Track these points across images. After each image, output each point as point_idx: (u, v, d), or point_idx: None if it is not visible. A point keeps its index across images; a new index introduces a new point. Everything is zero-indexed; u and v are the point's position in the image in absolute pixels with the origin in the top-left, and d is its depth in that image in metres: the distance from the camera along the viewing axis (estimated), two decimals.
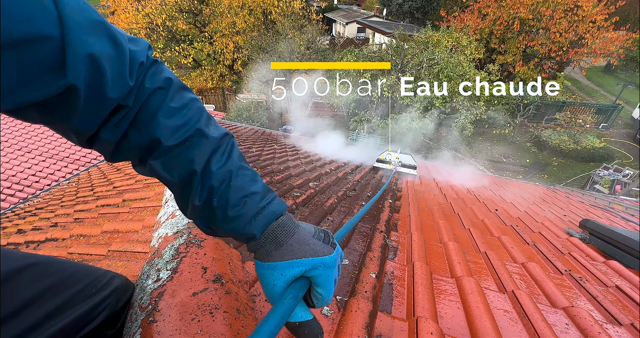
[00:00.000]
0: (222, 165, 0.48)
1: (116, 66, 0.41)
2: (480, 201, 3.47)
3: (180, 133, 0.46)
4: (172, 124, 0.46)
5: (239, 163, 0.50)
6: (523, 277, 1.49)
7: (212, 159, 0.47)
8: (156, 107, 0.46)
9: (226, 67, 13.63)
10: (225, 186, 0.47)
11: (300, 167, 3.21)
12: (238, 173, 0.49)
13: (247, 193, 0.48)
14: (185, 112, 0.48)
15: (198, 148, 0.47)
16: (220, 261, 0.84)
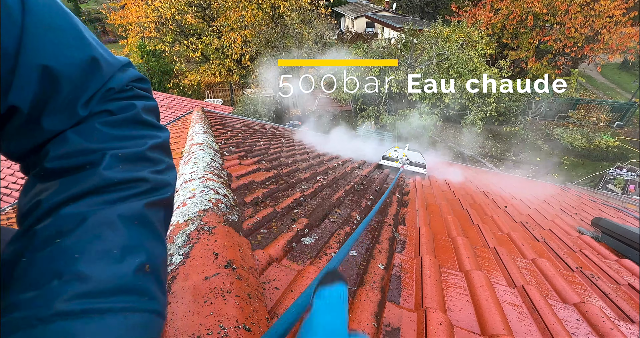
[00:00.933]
0: (85, 210, 0.30)
1: (75, 93, 0.35)
2: (490, 198, 3.43)
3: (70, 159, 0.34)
4: (78, 144, 0.35)
5: (115, 218, 0.31)
6: (533, 273, 1.47)
7: (81, 200, 0.32)
8: (83, 124, 0.37)
9: (234, 62, 13.65)
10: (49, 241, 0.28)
11: (308, 161, 3.21)
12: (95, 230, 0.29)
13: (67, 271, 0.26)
14: (112, 142, 0.37)
15: (77, 179, 0.33)
16: (231, 248, 0.85)
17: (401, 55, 9.71)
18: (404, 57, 9.60)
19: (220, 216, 1.07)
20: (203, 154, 1.93)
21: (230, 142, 3.20)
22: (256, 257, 0.97)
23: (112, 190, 0.33)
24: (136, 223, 0.32)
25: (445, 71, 8.84)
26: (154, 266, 0.31)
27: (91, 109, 0.38)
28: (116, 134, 0.37)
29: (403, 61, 9.54)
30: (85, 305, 0.25)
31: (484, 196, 3.51)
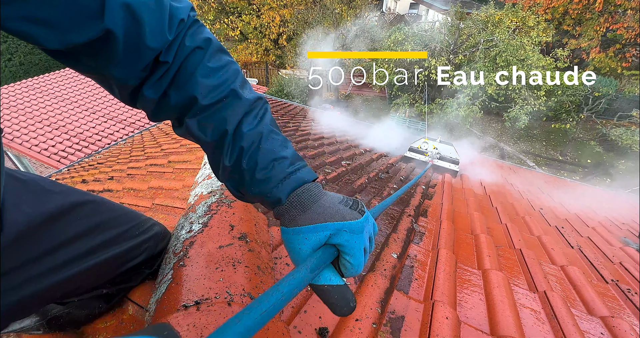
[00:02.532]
0: (254, 127, 0.48)
1: (155, 18, 0.42)
2: (524, 198, 3.22)
3: (216, 93, 0.47)
4: (209, 83, 0.47)
5: (270, 127, 0.50)
6: (560, 280, 1.38)
7: (244, 121, 0.48)
8: (194, 66, 0.47)
9: (271, 41, 13.62)
10: (255, 148, 0.47)
11: (335, 145, 3.19)
12: (269, 136, 0.48)
13: (276, 157, 0.47)
14: (222, 73, 0.48)
15: (232, 108, 0.48)
16: (247, 222, 0.89)
17: (444, 40, 9.08)
18: (447, 42, 8.98)
19: None
20: None
21: None
22: (271, 233, 1.01)
23: (253, 108, 0.50)
24: (275, 126, 0.52)
25: (491, 59, 8.14)
26: (291, 145, 0.53)
27: (183, 40, 0.46)
28: (217, 65, 0.48)
29: (446, 46, 8.94)
30: (295, 167, 0.49)
31: (519, 196, 3.31)
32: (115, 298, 0.81)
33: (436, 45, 9.09)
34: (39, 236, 0.55)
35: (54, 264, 0.57)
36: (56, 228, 0.58)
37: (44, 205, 0.57)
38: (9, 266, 0.52)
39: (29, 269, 0.54)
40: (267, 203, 0.49)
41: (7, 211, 0.52)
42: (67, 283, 0.59)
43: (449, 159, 3.53)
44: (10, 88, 7.23)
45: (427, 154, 3.57)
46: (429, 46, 9.27)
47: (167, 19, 0.44)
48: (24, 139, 5.92)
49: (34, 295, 0.55)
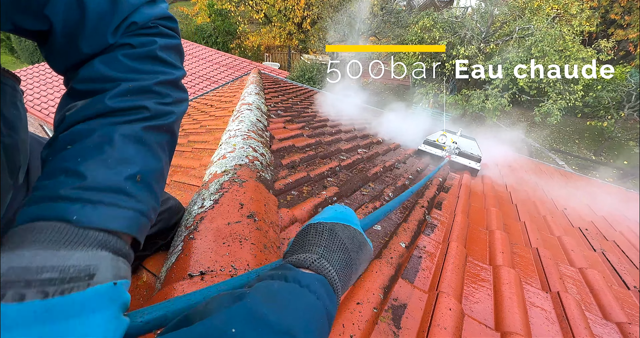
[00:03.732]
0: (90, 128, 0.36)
1: (100, 20, 0.40)
2: (548, 197, 3.08)
3: (95, 84, 0.40)
4: (99, 71, 0.40)
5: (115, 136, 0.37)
6: (576, 282, 1.33)
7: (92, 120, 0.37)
8: (108, 53, 0.42)
9: (295, 25, 13.41)
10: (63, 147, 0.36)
11: (352, 133, 3.15)
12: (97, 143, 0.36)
13: (71, 169, 0.33)
14: (128, 74, 0.41)
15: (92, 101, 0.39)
16: (257, 202, 0.90)
17: (475, 27, 8.56)
18: (478, 30, 8.48)
19: (254, 172, 1.12)
20: (250, 114, 2.00)
21: (279, 106, 3.26)
22: (280, 215, 1.02)
23: (117, 115, 0.39)
24: (133, 142, 0.38)
25: (526, 49, 7.61)
26: (145, 177, 0.38)
27: (117, 40, 0.42)
28: (133, 66, 0.41)
29: (477, 34, 8.44)
30: (80, 195, 0.32)
31: (542, 194, 3.16)
32: (132, 265, 0.86)
33: (466, 32, 8.60)
34: None
35: None
36: None
37: None
38: None
39: None
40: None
41: (33, 175, 0.55)
42: None
43: (469, 155, 3.13)
44: (47, 65, 7.59)
45: (445, 149, 3.18)
46: (459, 33, 8.79)
47: (119, 22, 0.42)
48: None
49: None
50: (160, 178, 0.42)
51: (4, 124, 0.43)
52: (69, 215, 0.30)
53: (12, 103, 0.46)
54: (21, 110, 0.48)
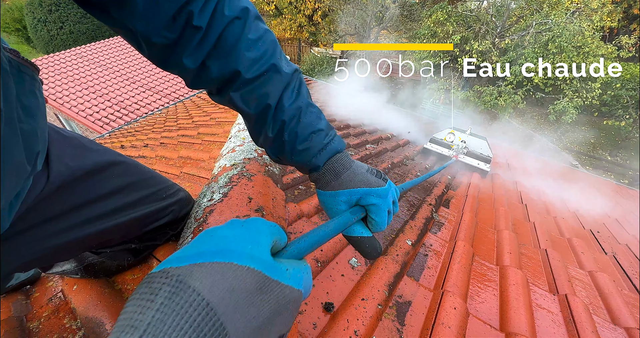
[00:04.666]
0: (293, 101, 0.50)
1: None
2: (559, 198, 3.02)
3: (258, 66, 0.47)
4: (251, 56, 0.47)
5: (307, 100, 0.52)
6: (585, 286, 1.31)
7: (284, 95, 0.49)
8: (235, 38, 0.46)
9: (306, 17, 13.26)
10: (295, 122, 0.50)
11: (361, 128, 3.13)
12: (307, 109, 0.51)
13: (314, 130, 0.51)
14: (261, 45, 0.48)
15: (273, 83, 0.49)
16: (265, 196, 0.91)
17: (491, 21, 8.32)
18: (493, 24, 8.24)
19: (262, 166, 1.13)
20: None
21: None
22: (288, 209, 1.03)
23: (290, 81, 0.51)
24: (311, 99, 0.53)
25: (542, 45, 7.36)
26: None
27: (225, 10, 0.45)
28: (257, 36, 0.48)
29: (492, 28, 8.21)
30: (327, 139, 0.52)
31: (554, 194, 3.10)
32: (143, 253, 0.88)
33: (481, 27, 8.37)
34: (79, 188, 0.61)
35: (90, 216, 0.63)
36: (93, 183, 0.63)
37: (83, 160, 0.62)
38: (53, 213, 0.58)
39: (72, 217, 0.60)
40: (304, 169, 0.53)
41: (53, 162, 0.57)
42: (101, 234, 0.65)
43: (478, 155, 2.93)
44: (62, 55, 7.71)
45: (453, 146, 2.97)
46: (473, 27, 8.56)
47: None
48: (72, 104, 6.37)
49: (74, 241, 0.61)
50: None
51: (23, 112, 0.44)
52: (339, 149, 0.53)
53: (30, 91, 0.47)
54: (39, 98, 0.50)
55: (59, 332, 0.73)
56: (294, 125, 0.50)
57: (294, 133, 0.50)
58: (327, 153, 0.52)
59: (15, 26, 16.52)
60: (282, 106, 0.49)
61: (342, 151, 0.54)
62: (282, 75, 0.49)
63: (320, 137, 0.51)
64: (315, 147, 0.51)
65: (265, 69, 0.48)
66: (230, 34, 0.45)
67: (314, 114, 0.52)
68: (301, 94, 0.52)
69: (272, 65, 0.48)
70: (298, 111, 0.50)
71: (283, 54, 0.53)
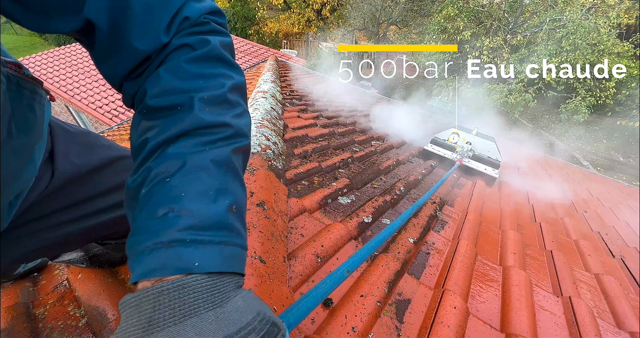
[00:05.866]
0: (183, 153, 0.34)
1: (149, 13, 0.36)
2: (568, 198, 2.97)
3: (170, 97, 0.37)
4: (170, 84, 0.37)
5: (208, 163, 0.34)
6: (591, 288, 1.29)
7: (178, 140, 0.35)
8: (170, 60, 0.39)
9: (314, 12, 13.17)
10: (161, 179, 0.33)
11: (367, 124, 3.11)
12: (194, 173, 0.33)
13: (176, 206, 0.31)
14: (196, 81, 0.38)
15: (174, 118, 0.36)
16: (267, 191, 0.91)
17: (503, 17, 8.13)
18: (505, 20, 8.05)
19: (265, 160, 1.13)
20: (265, 102, 2.00)
21: (294, 94, 3.24)
22: (290, 204, 1.03)
23: (203, 133, 0.36)
24: (224, 168, 0.35)
25: (556, 42, 7.18)
26: (239, 207, 0.35)
27: (173, 39, 0.38)
28: (198, 72, 0.38)
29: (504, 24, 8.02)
30: (193, 236, 0.30)
31: (562, 195, 3.05)
32: None
33: (493, 23, 8.20)
34: (84, 184, 0.62)
35: (94, 209, 0.64)
36: (98, 178, 0.64)
37: (88, 157, 0.63)
38: (57, 206, 0.59)
39: (76, 210, 0.61)
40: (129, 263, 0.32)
41: (58, 161, 0.58)
42: (105, 227, 0.66)
43: (485, 159, 2.58)
44: (72, 47, 7.80)
45: (457, 149, 2.64)
46: (484, 23, 8.39)
47: (170, 17, 0.38)
48: (83, 96, 6.45)
49: (78, 232, 0.62)
50: (246, 206, 0.38)
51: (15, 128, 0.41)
52: (191, 263, 0.29)
53: (28, 106, 0.45)
54: (37, 112, 0.47)
55: (64, 319, 0.74)
56: (157, 182, 0.33)
57: (149, 196, 0.33)
58: (164, 258, 0.29)
59: None
60: (163, 151, 0.35)
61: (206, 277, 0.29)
62: (194, 115, 0.36)
63: (177, 222, 0.30)
64: (155, 233, 0.30)
65: (176, 103, 0.37)
66: (169, 58, 0.39)
67: (203, 185, 0.33)
68: (207, 153, 0.35)
69: (189, 100, 0.37)
70: (178, 166, 0.33)
71: (239, 108, 0.41)
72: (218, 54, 0.41)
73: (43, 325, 0.74)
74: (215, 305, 0.28)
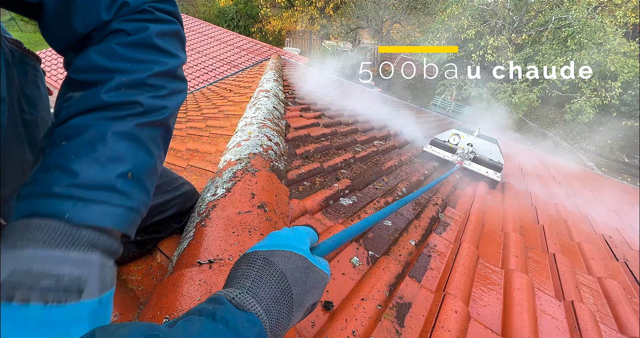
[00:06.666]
0: (84, 124, 0.37)
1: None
2: (571, 200, 2.94)
3: (90, 74, 0.40)
4: (93, 61, 0.40)
5: (107, 134, 0.37)
6: (593, 292, 1.28)
7: (87, 114, 0.38)
8: (104, 42, 0.41)
9: (317, 10, 13.12)
10: (58, 142, 0.36)
11: (369, 124, 3.10)
12: (90, 142, 0.36)
13: (64, 166, 0.34)
14: (121, 62, 0.41)
15: (89, 93, 0.39)
16: (268, 192, 0.91)
17: (508, 16, 8.06)
18: (510, 19, 7.98)
19: (267, 161, 1.13)
20: (267, 101, 2.00)
21: (297, 93, 3.24)
22: (291, 205, 1.03)
23: (111, 109, 0.39)
24: (125, 139, 0.39)
25: (561, 41, 7.11)
26: (136, 174, 0.39)
27: (112, 22, 0.41)
28: (127, 55, 0.41)
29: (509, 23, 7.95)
30: (72, 192, 0.34)
31: (565, 196, 3.03)
32: (147, 245, 0.90)
33: (497, 21, 8.13)
34: None
35: None
36: None
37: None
38: None
39: None
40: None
41: None
42: None
43: (487, 162, 2.48)
44: None
45: (456, 152, 2.54)
46: (489, 22, 8.32)
47: (108, 1, 0.41)
48: None
49: None
50: (152, 173, 0.42)
51: (25, 102, 0.45)
52: (62, 213, 0.32)
53: (33, 82, 0.48)
54: (42, 89, 0.50)
55: None
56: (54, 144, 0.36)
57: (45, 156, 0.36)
58: (42, 205, 0.33)
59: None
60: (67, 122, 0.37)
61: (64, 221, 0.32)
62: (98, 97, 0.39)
63: (62, 179, 0.34)
64: (40, 185, 0.34)
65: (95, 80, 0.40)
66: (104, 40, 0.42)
67: (95, 152, 0.36)
68: (113, 125, 0.38)
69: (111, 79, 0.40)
70: (76, 132, 0.36)
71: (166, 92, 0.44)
72: (152, 42, 0.43)
73: None
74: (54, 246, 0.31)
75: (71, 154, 0.35)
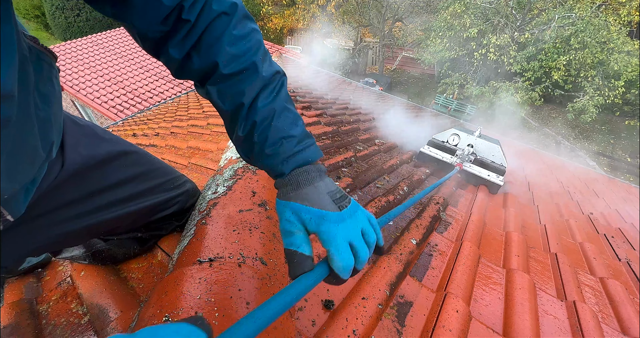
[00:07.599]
0: (268, 103, 0.49)
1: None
2: (574, 200, 2.93)
3: (237, 63, 0.48)
4: (232, 51, 0.47)
5: (284, 104, 0.51)
6: (595, 293, 1.27)
7: (260, 96, 0.49)
8: (220, 32, 0.47)
9: (319, 8, 13.06)
10: (266, 124, 0.48)
11: (371, 122, 3.09)
12: (281, 113, 0.50)
13: (285, 135, 0.49)
14: (245, 42, 0.48)
15: (250, 82, 0.49)
16: (269, 190, 0.91)
17: (510, 14, 8.00)
18: (513, 17, 7.92)
19: None
20: None
21: (298, 91, 3.23)
22: None
23: (270, 84, 0.50)
24: (289, 103, 0.52)
25: (564, 40, 7.05)
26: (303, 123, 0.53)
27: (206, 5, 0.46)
28: (240, 34, 0.48)
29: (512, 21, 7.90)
30: (301, 146, 0.49)
31: (567, 196, 3.02)
32: (148, 243, 0.90)
33: (500, 20, 8.07)
34: (91, 177, 0.62)
35: (101, 204, 0.64)
36: (105, 172, 0.64)
37: (96, 149, 0.64)
38: (65, 200, 0.59)
39: (83, 204, 0.62)
40: (271, 174, 0.52)
41: (67, 151, 0.58)
42: (110, 222, 0.66)
43: (489, 164, 2.31)
44: (78, 42, 7.82)
45: (456, 154, 2.36)
46: (491, 20, 8.26)
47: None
48: (88, 91, 6.48)
49: (85, 227, 0.63)
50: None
51: (39, 99, 0.45)
52: (310, 159, 0.50)
53: (47, 79, 0.48)
54: (56, 86, 0.51)
55: (67, 316, 0.75)
56: (264, 127, 0.49)
57: (264, 136, 0.49)
58: (295, 161, 0.49)
59: (34, 13, 16.83)
60: (256, 107, 0.49)
61: (314, 163, 0.50)
62: (259, 75, 0.49)
63: (291, 144, 0.49)
64: (283, 153, 0.49)
65: (244, 67, 0.48)
66: (215, 28, 0.46)
67: (289, 119, 0.50)
68: (279, 97, 0.51)
69: (252, 63, 0.49)
70: (271, 113, 0.49)
71: (269, 55, 0.53)
72: (243, 11, 0.50)
73: (46, 321, 0.75)
74: (319, 178, 0.48)
75: (283, 126, 0.49)
